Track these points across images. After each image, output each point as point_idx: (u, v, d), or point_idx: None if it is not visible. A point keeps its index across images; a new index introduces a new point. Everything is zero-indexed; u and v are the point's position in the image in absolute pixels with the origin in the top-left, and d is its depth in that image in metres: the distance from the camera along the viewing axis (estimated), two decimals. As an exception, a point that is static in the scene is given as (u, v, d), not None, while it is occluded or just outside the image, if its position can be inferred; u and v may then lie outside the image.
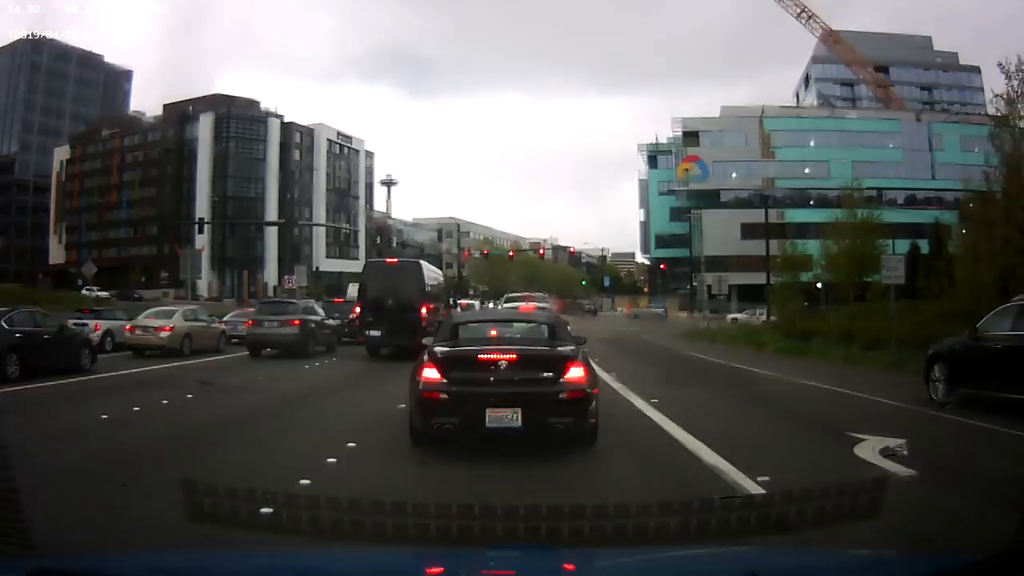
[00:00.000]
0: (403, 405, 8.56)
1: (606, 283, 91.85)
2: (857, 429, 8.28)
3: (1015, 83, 18.97)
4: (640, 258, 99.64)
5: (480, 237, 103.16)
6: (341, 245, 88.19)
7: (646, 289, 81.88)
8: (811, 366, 18.30)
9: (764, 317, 41.43)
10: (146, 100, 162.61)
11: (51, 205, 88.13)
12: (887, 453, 7.20)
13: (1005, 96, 19.64)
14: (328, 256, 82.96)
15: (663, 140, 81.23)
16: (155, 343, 20.18)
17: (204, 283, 65.63)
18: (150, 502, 5.24)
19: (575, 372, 7.37)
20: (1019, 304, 10.59)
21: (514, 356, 7.44)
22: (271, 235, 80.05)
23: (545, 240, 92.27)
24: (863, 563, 2.76)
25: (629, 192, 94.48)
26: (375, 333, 20.45)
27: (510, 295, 34.25)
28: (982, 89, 63.38)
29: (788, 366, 18.23)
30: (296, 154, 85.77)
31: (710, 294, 50.19)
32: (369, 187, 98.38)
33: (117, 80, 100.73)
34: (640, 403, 11.14)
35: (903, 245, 35.44)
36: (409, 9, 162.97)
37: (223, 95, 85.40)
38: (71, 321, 19.64)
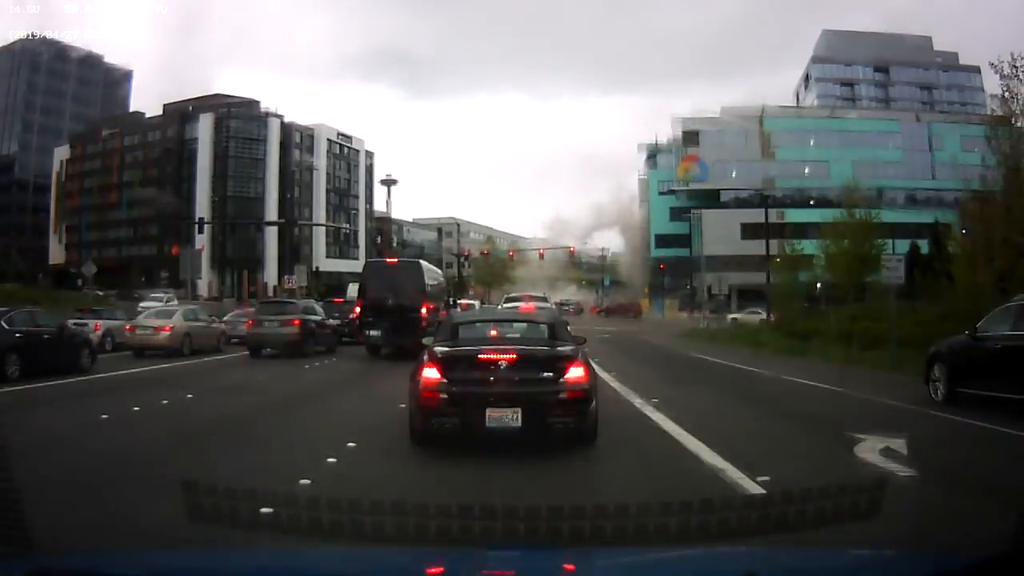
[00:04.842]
0: (403, 405, 8.56)
1: (606, 283, 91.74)
2: (857, 429, 8.28)
3: (1010, 82, 18.98)
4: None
5: (480, 237, 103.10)
6: (341, 245, 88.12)
7: (646, 289, 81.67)
8: (811, 366, 18.30)
9: (764, 316, 41.42)
10: (146, 100, 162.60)
11: (51, 205, 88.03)
12: (887, 453, 7.20)
13: (1000, 96, 19.67)
14: (328, 256, 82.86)
15: (663, 140, 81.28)
16: (155, 343, 20.18)
17: (204, 283, 65.55)
18: (150, 502, 5.23)
19: (575, 372, 7.37)
20: (1019, 304, 10.59)
21: (514, 356, 7.45)
22: (271, 235, 79.98)
23: (545, 240, 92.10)
24: (863, 563, 2.76)
25: (629, 192, 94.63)
26: (375, 333, 20.46)
27: (509, 295, 34.18)
28: (982, 89, 63.32)
29: (788, 366, 18.23)
30: (296, 154, 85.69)
31: (710, 294, 50.20)
32: (369, 187, 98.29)
33: (117, 80, 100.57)
34: (640, 403, 11.15)
35: (903, 245, 35.50)
36: (408, 9, 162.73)
37: (223, 95, 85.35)
38: (71, 321, 19.64)
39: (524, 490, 6.03)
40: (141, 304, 34.51)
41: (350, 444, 7.76)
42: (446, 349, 7.77)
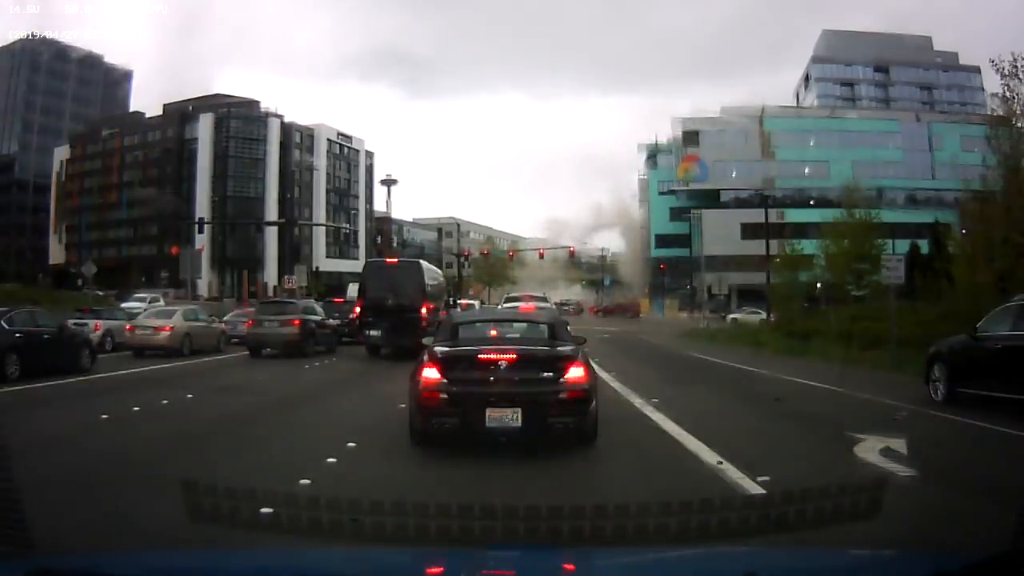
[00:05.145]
0: (403, 405, 8.57)
1: (606, 283, 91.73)
2: (857, 429, 8.27)
3: (1010, 82, 18.97)
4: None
5: (480, 237, 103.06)
6: (341, 245, 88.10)
7: (646, 290, 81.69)
8: (811, 366, 18.28)
9: (764, 316, 41.44)
10: (146, 100, 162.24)
11: (51, 205, 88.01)
12: (887, 453, 7.20)
13: (1000, 95, 19.67)
14: (328, 256, 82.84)
15: (663, 140, 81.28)
16: (155, 343, 20.18)
17: (204, 283, 65.56)
18: (150, 502, 5.23)
19: (575, 372, 7.37)
20: (1019, 304, 10.59)
21: (514, 356, 7.45)
22: (271, 235, 79.96)
23: (545, 240, 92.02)
24: (863, 563, 2.76)
25: (629, 192, 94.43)
26: (375, 333, 20.46)
27: (509, 295, 34.17)
28: (982, 89, 63.36)
29: (788, 366, 18.23)
30: (296, 154, 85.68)
31: (710, 294, 50.21)
32: (369, 187, 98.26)
33: (117, 80, 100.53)
34: (640, 403, 11.15)
35: (903, 245, 35.51)
36: (408, 9, 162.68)
37: (223, 95, 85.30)
38: (71, 321, 19.63)
39: (524, 490, 6.03)
40: (121, 306, 31.59)
41: (350, 444, 7.76)
42: (446, 349, 7.77)
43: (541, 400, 7.20)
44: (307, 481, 5.93)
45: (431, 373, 7.32)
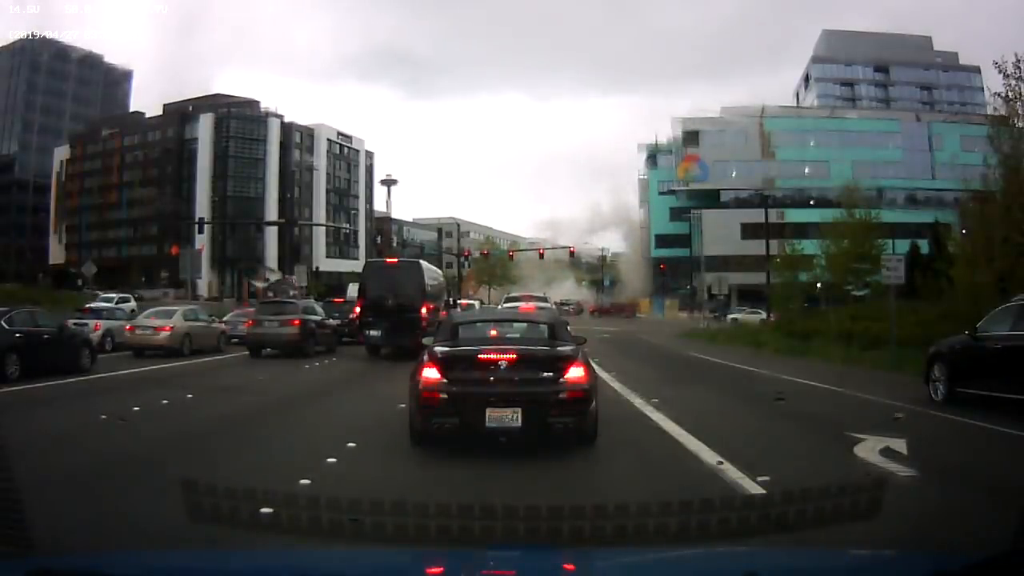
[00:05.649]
0: (403, 405, 8.56)
1: (606, 283, 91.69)
2: (857, 429, 8.28)
3: (1012, 82, 18.95)
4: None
5: (480, 237, 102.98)
6: (341, 245, 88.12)
7: (650, 294, 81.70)
8: (811, 366, 18.30)
9: (764, 316, 41.43)
10: (146, 100, 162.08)
11: (51, 205, 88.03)
12: (887, 453, 7.21)
13: (1003, 95, 19.63)
14: (328, 256, 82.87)
15: (663, 140, 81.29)
16: (155, 343, 20.17)
17: (204, 283, 65.57)
18: (150, 502, 5.23)
19: (575, 372, 7.37)
20: (1019, 304, 10.60)
21: (514, 356, 7.44)
22: (271, 235, 79.98)
23: (545, 240, 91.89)
24: (863, 563, 2.76)
25: (629, 192, 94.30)
26: (375, 333, 20.46)
27: (510, 295, 34.17)
28: (982, 89, 63.06)
29: (788, 366, 18.23)
30: (296, 154, 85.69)
31: (710, 294, 50.14)
32: (369, 187, 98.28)
33: (117, 80, 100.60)
34: (640, 403, 11.15)
35: (903, 245, 35.53)
36: (408, 9, 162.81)
37: (223, 95, 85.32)
38: (71, 321, 19.63)
39: (524, 490, 6.03)
40: (88, 305, 27.86)
41: (350, 444, 7.76)
42: (446, 349, 7.77)
43: (541, 400, 7.20)
44: (307, 481, 5.92)
45: (431, 373, 7.32)
